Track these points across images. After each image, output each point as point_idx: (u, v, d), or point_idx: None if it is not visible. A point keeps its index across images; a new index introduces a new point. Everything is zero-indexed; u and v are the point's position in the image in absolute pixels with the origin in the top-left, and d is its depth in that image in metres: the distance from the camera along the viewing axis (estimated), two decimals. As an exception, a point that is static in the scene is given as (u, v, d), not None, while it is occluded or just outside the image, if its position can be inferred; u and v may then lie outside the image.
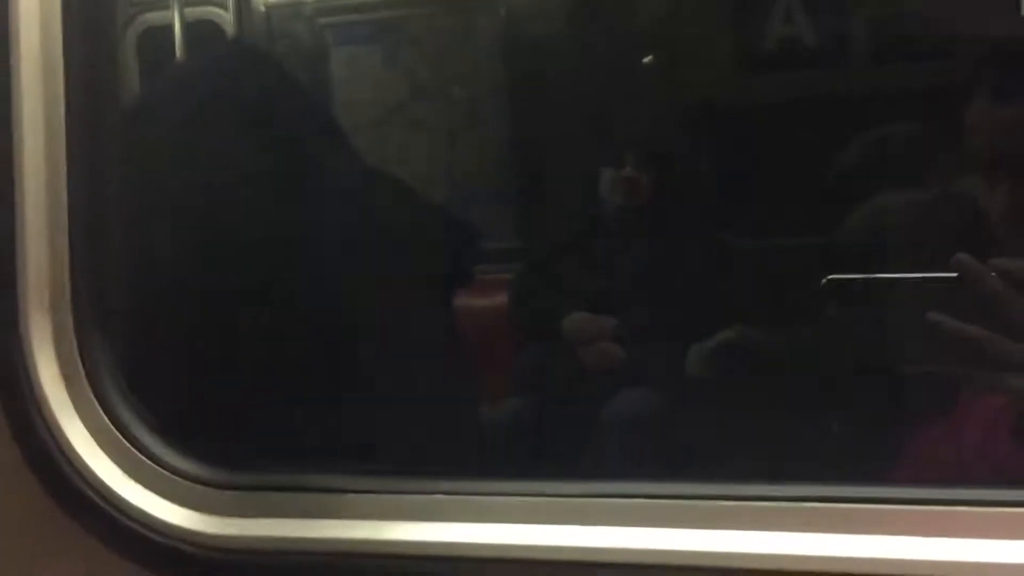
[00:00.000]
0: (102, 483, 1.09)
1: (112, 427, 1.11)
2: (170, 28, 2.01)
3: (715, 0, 2.07)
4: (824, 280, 1.15)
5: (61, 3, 1.10)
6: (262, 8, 2.21)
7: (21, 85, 1.08)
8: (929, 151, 1.63)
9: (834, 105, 1.93)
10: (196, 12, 2.08)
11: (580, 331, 1.85)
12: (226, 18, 2.14)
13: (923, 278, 1.09)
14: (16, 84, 1.08)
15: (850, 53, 1.94)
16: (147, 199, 1.27)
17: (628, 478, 1.08)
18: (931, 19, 1.75)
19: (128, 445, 1.11)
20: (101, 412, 1.11)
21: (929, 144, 1.64)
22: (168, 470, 1.10)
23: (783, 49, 1.96)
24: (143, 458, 1.10)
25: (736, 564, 0.94)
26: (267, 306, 1.28)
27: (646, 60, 2.08)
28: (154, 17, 2.03)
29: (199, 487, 1.09)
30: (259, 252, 1.30)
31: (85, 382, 1.11)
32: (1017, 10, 1.49)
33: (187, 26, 2.01)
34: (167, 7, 2.03)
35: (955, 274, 1.05)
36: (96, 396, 1.11)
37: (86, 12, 1.12)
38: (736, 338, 1.79)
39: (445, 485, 1.04)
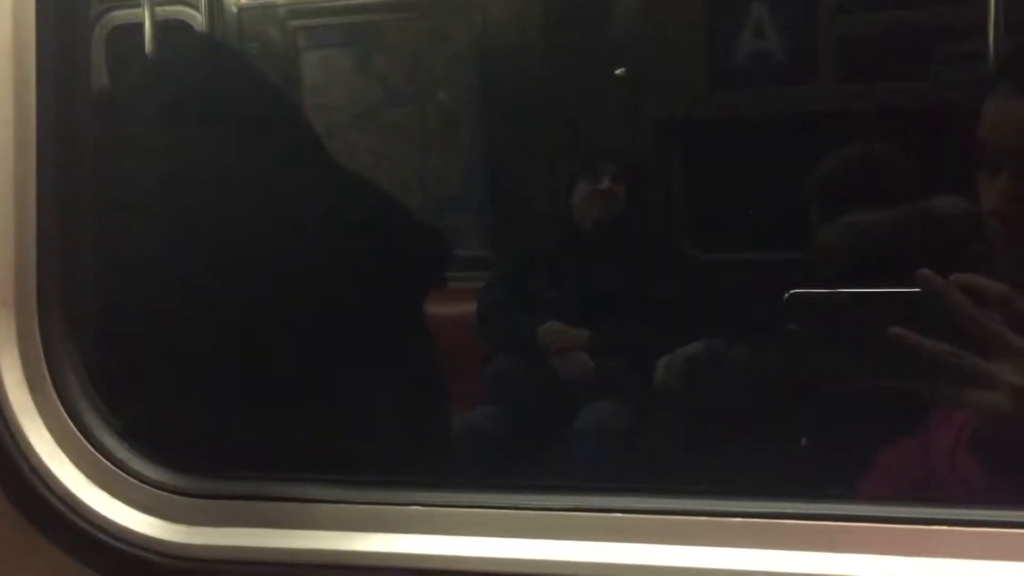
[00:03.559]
0: (66, 490, 1.06)
1: (77, 432, 1.08)
2: (139, 27, 1.97)
3: (688, 16, 2.09)
4: (787, 295, 1.14)
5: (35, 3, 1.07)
6: (234, 9, 2.19)
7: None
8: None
9: (805, 120, 1.95)
10: (166, 11, 2.05)
11: (554, 341, 1.87)
12: (197, 18, 2.11)
13: (889, 293, 1.09)
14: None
15: (819, 68, 1.96)
16: (117, 200, 1.25)
17: (601, 490, 1.07)
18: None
19: (93, 451, 1.08)
20: (66, 417, 1.08)
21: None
22: (135, 477, 1.08)
23: (755, 64, 1.98)
24: (109, 464, 1.08)
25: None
26: (237, 311, 1.26)
27: (619, 72, 2.08)
28: (123, 15, 2.00)
29: (166, 495, 1.07)
30: (229, 255, 1.28)
31: (50, 386, 1.08)
32: None
33: (157, 25, 1.98)
34: (136, 5, 2.00)
35: (918, 289, 1.05)
36: (61, 401, 1.08)
37: (60, 10, 1.10)
38: (704, 351, 1.80)
39: (420, 496, 1.03)
